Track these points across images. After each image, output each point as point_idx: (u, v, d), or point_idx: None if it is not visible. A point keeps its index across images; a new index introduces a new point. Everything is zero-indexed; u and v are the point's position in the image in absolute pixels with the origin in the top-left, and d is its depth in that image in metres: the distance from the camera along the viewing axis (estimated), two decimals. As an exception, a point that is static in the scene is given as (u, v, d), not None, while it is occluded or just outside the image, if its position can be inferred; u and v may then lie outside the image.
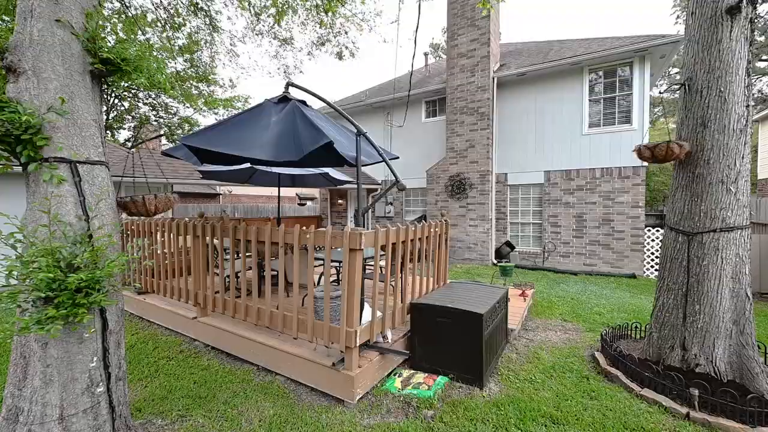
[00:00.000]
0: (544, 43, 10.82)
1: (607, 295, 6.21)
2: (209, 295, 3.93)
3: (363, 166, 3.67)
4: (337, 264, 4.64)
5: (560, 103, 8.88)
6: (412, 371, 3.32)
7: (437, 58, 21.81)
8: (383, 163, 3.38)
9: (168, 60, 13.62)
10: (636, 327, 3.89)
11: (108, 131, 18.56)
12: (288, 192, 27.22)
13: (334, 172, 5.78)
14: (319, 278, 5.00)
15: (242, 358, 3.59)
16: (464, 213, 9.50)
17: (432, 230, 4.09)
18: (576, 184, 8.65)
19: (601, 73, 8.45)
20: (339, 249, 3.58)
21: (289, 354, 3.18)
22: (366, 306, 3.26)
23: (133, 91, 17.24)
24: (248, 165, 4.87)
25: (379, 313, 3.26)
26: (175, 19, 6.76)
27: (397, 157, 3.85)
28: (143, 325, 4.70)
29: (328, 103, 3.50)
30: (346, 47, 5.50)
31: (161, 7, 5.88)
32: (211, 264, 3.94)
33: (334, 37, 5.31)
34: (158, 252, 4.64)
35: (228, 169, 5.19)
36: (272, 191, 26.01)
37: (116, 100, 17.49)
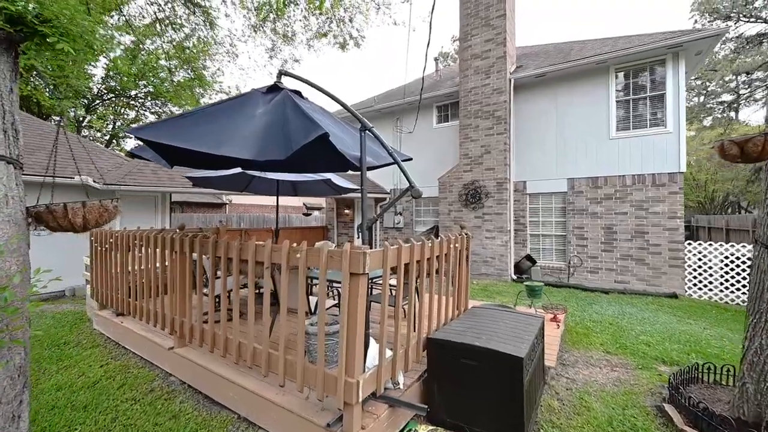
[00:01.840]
0: (563, 44, 10.21)
1: (650, 320, 5.39)
2: (186, 322, 3.32)
3: (370, 169, 3.06)
4: (338, 285, 3.99)
5: (583, 106, 8.20)
6: (431, 427, 2.62)
7: (446, 66, 21.40)
8: (392, 167, 2.77)
9: (175, 69, 13.45)
10: (709, 369, 3.12)
11: (113, 140, 18.53)
12: (295, 201, 26.85)
13: (337, 179, 5.19)
14: (317, 303, 4.35)
15: (221, 403, 2.94)
16: (480, 224, 8.78)
17: (451, 246, 3.42)
18: (604, 192, 7.89)
19: (629, 72, 7.77)
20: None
21: (274, 404, 2.52)
22: (372, 343, 2.59)
23: (140, 101, 17.19)
24: (239, 170, 4.30)
25: (388, 352, 2.59)
26: (173, 19, 6.37)
27: (410, 159, 3.23)
28: (118, 353, 4.09)
29: (327, 93, 2.91)
30: (351, 36, 4.99)
31: (156, 4, 5.49)
32: (189, 285, 3.33)
33: (337, 26, 4.80)
34: (134, 268, 4.06)
35: (218, 175, 4.64)
36: (284, 201, 25.73)
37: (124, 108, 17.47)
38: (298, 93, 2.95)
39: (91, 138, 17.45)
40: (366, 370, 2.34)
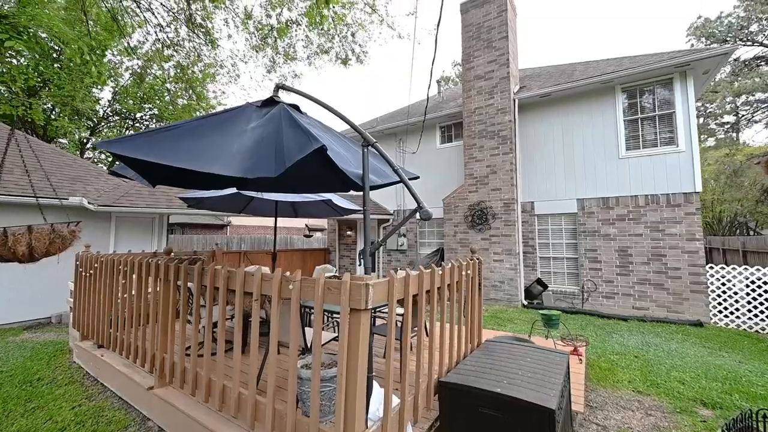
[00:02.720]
0: (566, 66, 10.22)
1: (678, 352, 4.94)
2: (168, 359, 2.97)
3: (373, 188, 2.80)
4: (338, 316, 3.64)
5: (590, 125, 8.04)
6: (445, 492, 2.21)
7: (447, 89, 21.69)
8: (396, 187, 2.51)
9: (179, 93, 13.62)
10: (765, 417, 2.70)
11: (117, 162, 18.60)
12: (298, 222, 26.63)
13: (338, 199, 4.94)
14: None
15: (200, 458, 2.54)
16: (487, 246, 8.44)
17: (462, 273, 3.10)
18: (616, 213, 7.58)
19: (636, 91, 7.65)
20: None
21: (261, 464, 2.14)
22: (375, 387, 2.24)
23: (146, 123, 17.38)
24: (234, 190, 4.06)
25: (395, 399, 2.22)
26: (177, 40, 6.37)
27: (417, 177, 2.97)
28: (94, 391, 3.71)
29: (326, 107, 2.70)
30: (353, 51, 4.91)
31: (159, 26, 5.47)
32: (172, 317, 3.01)
33: (339, 41, 4.72)
34: (117, 296, 3.75)
35: (211, 196, 4.40)
36: (286, 222, 25.46)
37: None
38: (296, 107, 2.74)
39: (95, 160, 17.53)
40: (368, 423, 1.98)
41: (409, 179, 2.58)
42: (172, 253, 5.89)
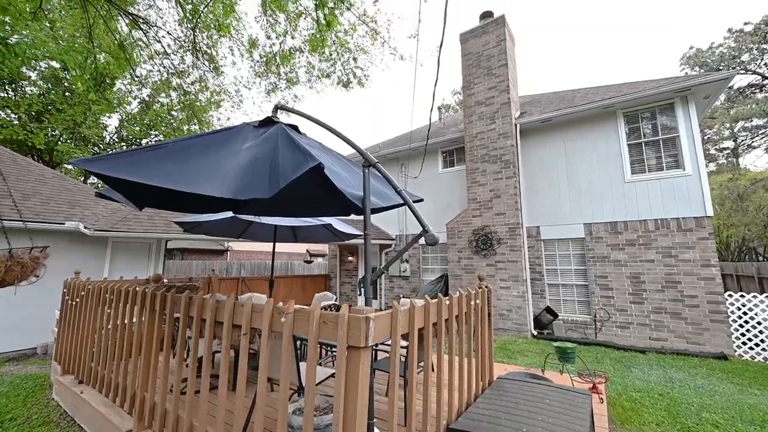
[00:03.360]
0: (565, 92, 10.37)
1: (706, 389, 4.55)
2: (148, 399, 2.70)
3: (375, 211, 2.65)
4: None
5: (593, 150, 8.00)
6: None
7: (448, 115, 22.11)
8: (398, 210, 2.35)
9: (186, 120, 13.89)
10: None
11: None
12: (299, 247, 26.36)
13: (338, 224, 4.78)
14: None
15: None
16: (493, 273, 8.16)
17: (471, 303, 2.87)
18: (625, 238, 7.35)
19: (637, 116, 7.66)
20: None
21: None
22: (376, 436, 1.96)
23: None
24: (231, 214, 3.92)
25: (398, 452, 1.94)
26: (183, 68, 6.49)
27: (421, 200, 2.82)
28: (69, 433, 3.38)
29: (326, 127, 2.59)
30: (354, 75, 4.93)
31: (164, 53, 5.57)
32: (155, 352, 2.76)
33: (341, 66, 4.76)
34: (101, 327, 3.51)
35: (207, 220, 4.25)
36: (287, 247, 25.19)
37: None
38: (295, 128, 2.64)
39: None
40: (368, 483, 1.70)
41: (413, 202, 2.42)
42: (166, 280, 5.67)
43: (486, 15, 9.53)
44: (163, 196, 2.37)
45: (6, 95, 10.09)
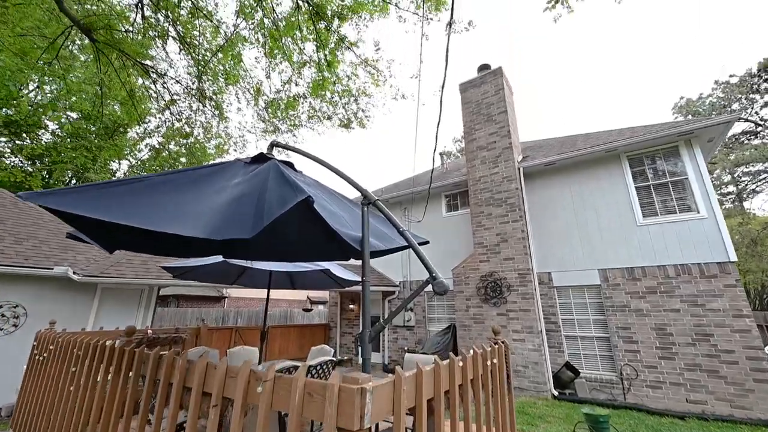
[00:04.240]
0: (567, 137, 10.52)
1: (768, 468, 3.83)
2: (98, 487, 2.20)
3: (375, 255, 2.37)
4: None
5: (600, 193, 7.84)
6: None
7: (449, 161, 22.55)
8: (402, 254, 2.07)
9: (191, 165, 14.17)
10: None
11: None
12: (299, 294, 25.49)
13: (336, 269, 4.46)
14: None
15: None
16: (505, 323, 7.58)
17: (488, 363, 2.45)
18: (645, 285, 6.88)
19: (642, 159, 7.60)
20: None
21: None
22: None
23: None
24: (221, 258, 3.64)
25: None
26: (190, 117, 6.65)
27: (427, 242, 2.55)
28: None
29: (324, 164, 2.42)
30: (355, 115, 4.95)
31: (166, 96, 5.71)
32: (114, 422, 2.33)
33: (343, 108, 4.80)
34: (62, 388, 3.07)
35: (195, 265, 3.96)
36: (286, 294, 24.35)
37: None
38: (290, 165, 2.47)
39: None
40: None
41: (419, 244, 2.15)
42: (150, 331, 5.21)
43: (483, 67, 10.00)
44: (134, 236, 2.12)
45: (21, 143, 10.43)
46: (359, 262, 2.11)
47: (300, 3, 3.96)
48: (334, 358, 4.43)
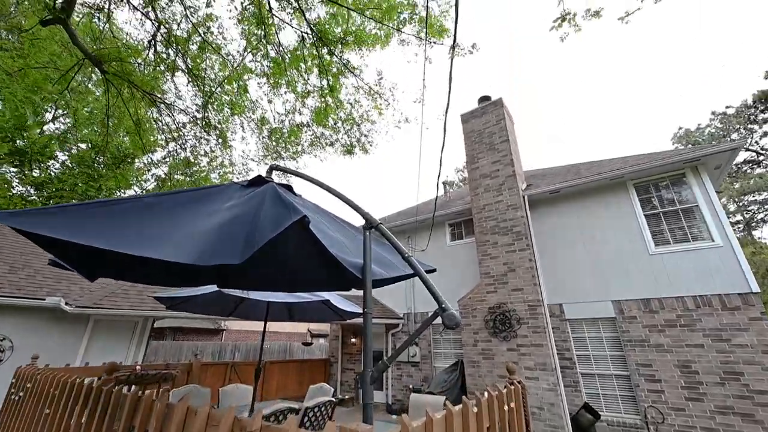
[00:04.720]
0: (571, 166, 10.51)
1: None
2: None
3: (378, 285, 2.20)
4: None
5: (608, 221, 7.66)
6: None
7: (452, 191, 22.60)
8: (406, 284, 1.89)
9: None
10: None
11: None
12: (300, 327, 24.68)
13: (337, 300, 4.23)
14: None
15: None
16: (516, 359, 7.13)
17: (505, 408, 2.18)
18: (663, 318, 6.51)
19: (649, 186, 7.49)
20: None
21: None
22: None
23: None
24: (215, 288, 3.46)
25: None
26: (195, 148, 6.72)
27: (434, 270, 2.37)
28: None
29: (323, 186, 2.30)
30: (358, 141, 4.94)
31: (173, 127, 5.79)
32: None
33: (345, 134, 4.81)
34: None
35: (188, 295, 3.76)
36: (286, 326, 23.58)
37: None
38: (288, 188, 2.36)
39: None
40: None
41: (426, 272, 1.97)
42: (139, 367, 4.91)
43: (484, 99, 10.22)
44: (123, 262, 1.97)
45: (31, 173, 10.60)
46: (361, 293, 1.94)
47: (305, 36, 4.11)
48: (334, 399, 4.09)
